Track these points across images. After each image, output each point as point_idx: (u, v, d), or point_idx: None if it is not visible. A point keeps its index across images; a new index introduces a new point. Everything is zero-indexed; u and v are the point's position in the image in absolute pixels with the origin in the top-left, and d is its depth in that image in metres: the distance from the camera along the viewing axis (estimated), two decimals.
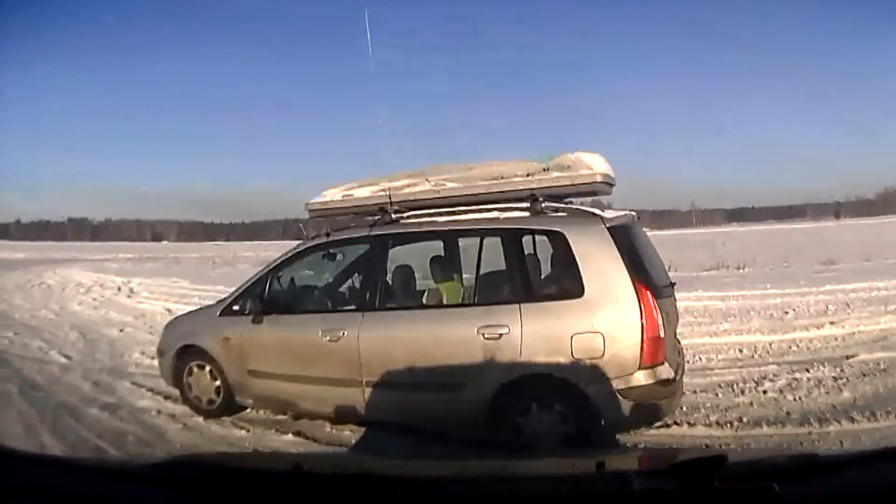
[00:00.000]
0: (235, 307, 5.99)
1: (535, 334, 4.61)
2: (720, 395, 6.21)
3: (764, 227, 76.52)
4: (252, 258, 34.80)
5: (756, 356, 7.74)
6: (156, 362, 6.94)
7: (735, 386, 6.40)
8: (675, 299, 5.54)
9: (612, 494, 1.75)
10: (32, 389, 7.33)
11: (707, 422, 5.48)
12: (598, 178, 4.96)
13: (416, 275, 6.09)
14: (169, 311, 13.37)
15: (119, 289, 18.31)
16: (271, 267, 5.94)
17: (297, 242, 6.04)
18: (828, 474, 1.82)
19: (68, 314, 13.79)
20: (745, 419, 5.49)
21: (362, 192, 5.70)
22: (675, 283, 5.64)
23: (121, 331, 11.45)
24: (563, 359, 4.51)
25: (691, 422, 5.48)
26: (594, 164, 4.99)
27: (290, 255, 5.89)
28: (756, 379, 6.59)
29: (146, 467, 2.13)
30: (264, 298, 5.80)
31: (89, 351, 9.69)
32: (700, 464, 1.71)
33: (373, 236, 5.48)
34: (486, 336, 4.71)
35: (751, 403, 5.91)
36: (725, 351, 7.97)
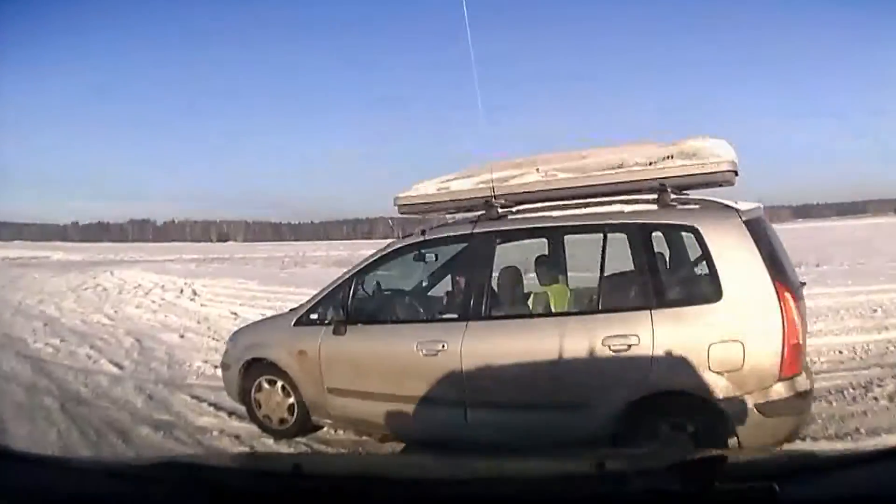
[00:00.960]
0: (313, 316, 5.96)
1: (668, 344, 4.53)
2: (833, 403, 6.30)
3: (829, 224, 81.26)
4: (322, 258, 35.58)
5: (857, 358, 8.01)
6: (220, 372, 6.94)
7: (845, 392, 6.52)
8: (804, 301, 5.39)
9: (612, 494, 1.87)
10: (76, 404, 7.27)
11: (826, 434, 5.51)
12: (726, 167, 4.92)
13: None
14: (235, 314, 13.60)
15: (181, 291, 18.59)
16: (356, 270, 5.92)
17: (387, 242, 6.07)
18: (828, 474, 1.99)
19: (124, 318, 13.99)
20: (862, 430, 5.53)
21: (461, 185, 5.70)
22: (805, 283, 5.50)
23: (181, 336, 11.51)
24: (698, 372, 4.44)
25: (813, 435, 5.44)
26: (721, 151, 4.96)
27: (379, 256, 5.89)
28: (863, 384, 6.72)
29: (145, 468, 2.29)
30: (348, 306, 5.75)
31: (144, 359, 9.66)
32: (700, 464, 1.94)
33: (477, 234, 5.43)
34: (612, 348, 4.63)
35: (864, 413, 5.97)
36: (826, 353, 8.17)
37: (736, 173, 5.03)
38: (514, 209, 5.50)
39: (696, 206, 4.89)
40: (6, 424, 6.32)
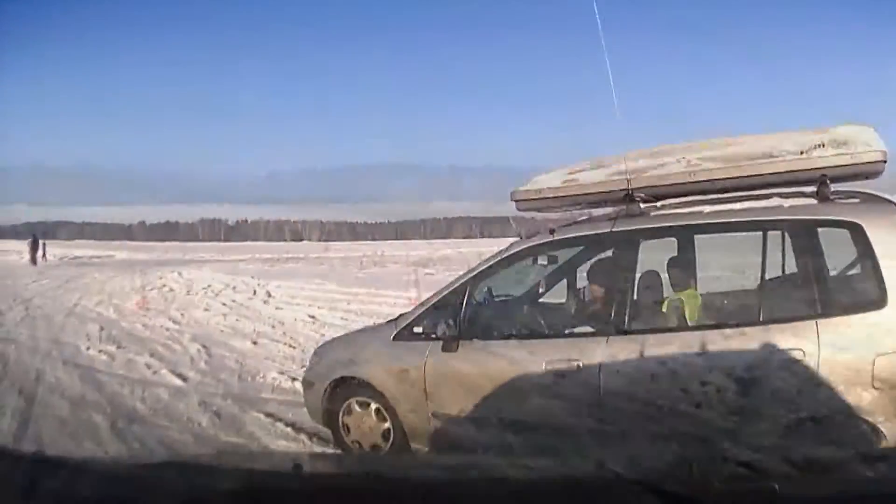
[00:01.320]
0: (418, 329, 5.73)
1: (834, 358, 4.33)
2: None
3: None
4: (402, 257, 36.20)
5: None
6: (299, 384, 6.93)
7: None
8: None
9: (612, 495, 1.90)
10: (130, 422, 6.91)
11: None
12: (878, 157, 4.78)
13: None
14: (313, 318, 13.61)
15: (254, 292, 18.78)
16: (470, 276, 5.71)
17: (511, 241, 5.81)
18: (828, 474, 2.15)
19: (190, 322, 13.88)
20: None
21: (592, 177, 5.45)
22: None
23: (254, 343, 11.30)
24: (861, 389, 4.26)
25: None
26: (871, 139, 4.82)
27: (498, 259, 5.66)
28: None
29: (144, 467, 2.36)
30: (460, 318, 5.49)
31: (212, 370, 9.39)
32: (700, 464, 2.06)
33: (617, 234, 5.24)
34: (777, 365, 4.47)
35: None
36: None
37: (885, 163, 4.91)
38: (658, 204, 5.34)
39: (857, 201, 4.81)
40: (45, 447, 5.91)
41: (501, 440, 5.09)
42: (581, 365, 4.89)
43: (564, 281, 6.21)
